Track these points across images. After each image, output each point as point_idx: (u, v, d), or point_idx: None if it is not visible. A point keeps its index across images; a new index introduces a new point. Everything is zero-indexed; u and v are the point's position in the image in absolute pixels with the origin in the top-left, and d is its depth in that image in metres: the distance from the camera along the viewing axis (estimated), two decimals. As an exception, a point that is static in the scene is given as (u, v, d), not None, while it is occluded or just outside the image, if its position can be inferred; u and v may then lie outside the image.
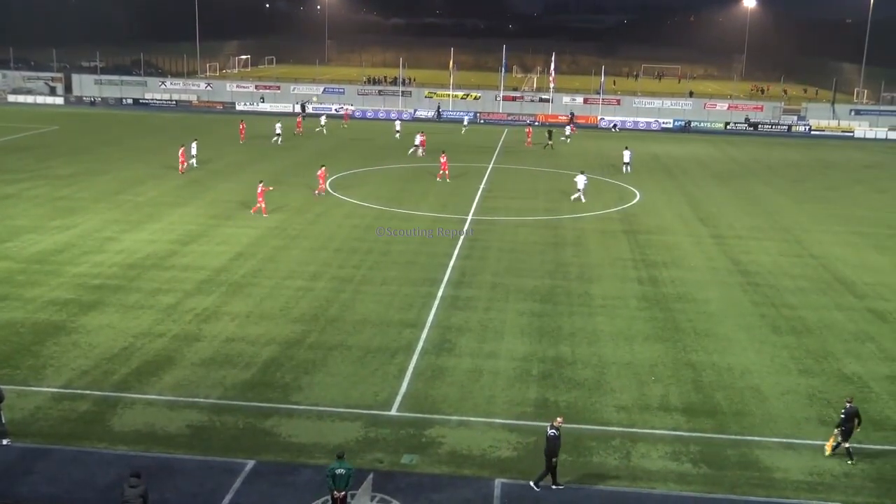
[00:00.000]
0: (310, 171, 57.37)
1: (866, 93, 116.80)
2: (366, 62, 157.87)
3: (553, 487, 19.71)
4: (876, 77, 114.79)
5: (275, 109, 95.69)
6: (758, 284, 35.63)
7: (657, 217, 47.63)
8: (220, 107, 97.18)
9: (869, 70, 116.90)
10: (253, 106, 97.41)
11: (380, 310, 31.02)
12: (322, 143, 72.20)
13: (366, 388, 24.62)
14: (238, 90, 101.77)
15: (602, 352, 27.85)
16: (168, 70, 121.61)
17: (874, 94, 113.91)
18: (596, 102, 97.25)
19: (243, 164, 59.96)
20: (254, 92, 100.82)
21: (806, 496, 19.97)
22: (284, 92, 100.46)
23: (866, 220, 48.51)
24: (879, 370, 27.18)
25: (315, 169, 51.30)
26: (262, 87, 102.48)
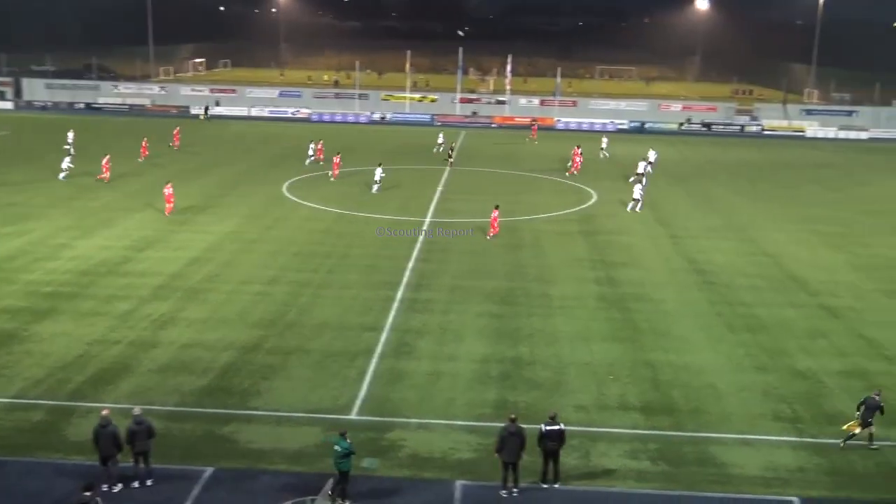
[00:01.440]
0: (264, 177, 57.04)
1: (816, 93, 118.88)
2: (322, 65, 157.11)
3: (514, 491, 19.76)
4: (826, 77, 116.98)
5: (230, 113, 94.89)
6: (713, 283, 36.08)
7: (614, 218, 48.03)
8: (175, 111, 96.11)
9: (819, 71, 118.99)
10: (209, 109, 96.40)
11: (339, 313, 30.91)
12: (276, 146, 71.70)
13: (325, 392, 24.52)
14: (193, 94, 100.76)
15: (561, 352, 28.01)
16: (121, 74, 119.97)
17: (824, 95, 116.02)
18: (552, 104, 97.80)
19: (199, 169, 59.39)
20: (208, 95, 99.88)
21: (762, 491, 20.26)
22: (240, 95, 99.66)
23: (819, 219, 49.33)
24: (832, 366, 27.66)
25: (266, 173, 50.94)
26: (217, 91, 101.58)
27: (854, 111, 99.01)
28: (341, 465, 19.07)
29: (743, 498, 19.96)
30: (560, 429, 19.96)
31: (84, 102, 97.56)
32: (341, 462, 19.04)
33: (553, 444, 19.95)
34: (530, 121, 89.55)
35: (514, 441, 19.53)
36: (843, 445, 22.20)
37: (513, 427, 19.60)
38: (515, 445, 19.57)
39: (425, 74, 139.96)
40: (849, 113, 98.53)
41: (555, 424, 19.98)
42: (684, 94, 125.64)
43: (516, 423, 19.71)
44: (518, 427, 19.62)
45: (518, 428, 19.60)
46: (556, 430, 19.93)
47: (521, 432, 19.61)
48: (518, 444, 19.58)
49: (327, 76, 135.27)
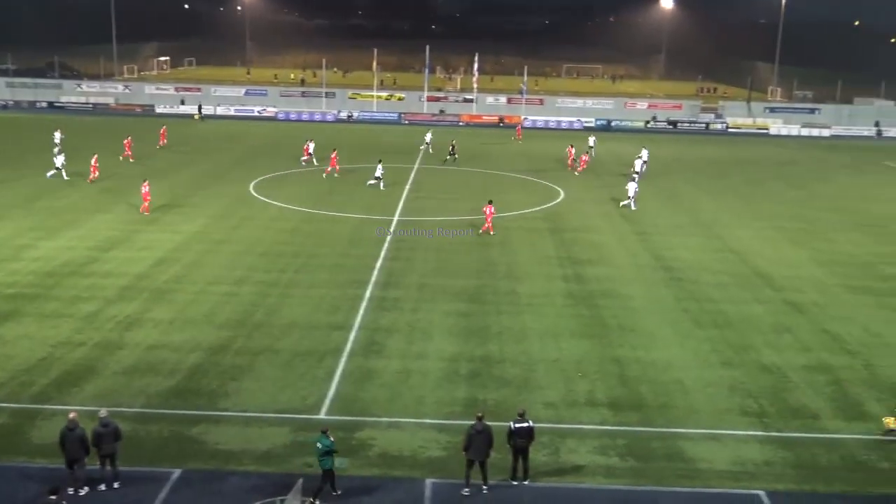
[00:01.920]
0: (231, 176, 56.69)
1: (780, 91, 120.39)
2: (288, 63, 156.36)
3: (484, 488, 19.81)
4: (788, 76, 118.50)
5: (194, 112, 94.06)
6: (680, 280, 36.38)
7: (582, 215, 48.27)
8: (139, 109, 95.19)
9: (782, 69, 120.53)
10: (173, 108, 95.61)
11: (307, 313, 30.79)
12: (243, 145, 71.25)
13: (294, 392, 24.41)
14: (158, 92, 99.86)
15: (530, 349, 28.11)
16: (84, 72, 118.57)
17: (787, 93, 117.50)
18: (519, 102, 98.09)
19: (166, 169, 58.86)
20: (174, 94, 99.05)
21: (730, 485, 20.46)
22: (205, 94, 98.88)
23: (783, 216, 49.92)
24: (797, 360, 28.00)
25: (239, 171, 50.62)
26: (182, 90, 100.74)
27: (816, 109, 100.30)
28: (323, 463, 19.12)
29: (710, 492, 20.15)
30: (529, 426, 20.01)
31: (46, 101, 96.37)
32: (323, 460, 19.09)
33: (522, 441, 19.98)
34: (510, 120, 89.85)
35: (480, 439, 19.47)
36: (884, 438, 22.42)
37: (479, 425, 19.55)
38: (482, 444, 19.51)
39: (392, 73, 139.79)
40: (811, 111, 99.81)
41: (524, 421, 20.03)
42: (650, 93, 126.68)
43: (483, 420, 19.67)
44: (485, 425, 19.57)
45: (485, 426, 19.55)
46: (524, 427, 19.97)
47: (488, 430, 19.55)
48: (485, 442, 19.53)
49: (294, 74, 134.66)
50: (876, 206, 54.06)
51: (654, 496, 19.88)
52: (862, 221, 49.15)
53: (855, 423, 23.74)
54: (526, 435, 19.97)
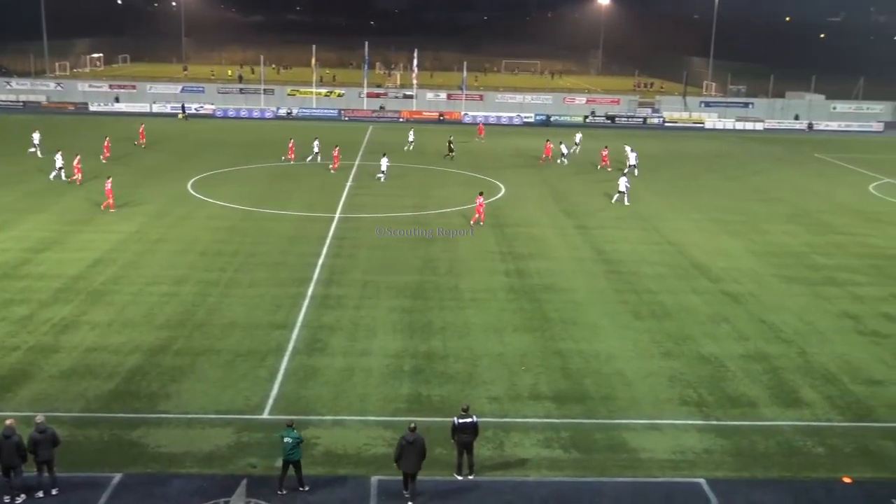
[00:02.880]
0: (168, 174, 55.84)
1: (714, 86, 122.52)
2: (226, 60, 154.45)
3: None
4: (723, 71, 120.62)
5: (131, 109, 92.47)
6: (620, 272, 36.84)
7: (522, 210, 48.57)
8: (72, 107, 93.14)
9: (716, 64, 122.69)
10: (107, 106, 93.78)
11: (248, 312, 30.48)
12: (180, 143, 70.21)
13: (236, 392, 24.17)
14: (91, 90, 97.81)
15: (473, 344, 28.21)
16: (14, 70, 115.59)
17: (722, 87, 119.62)
18: (459, 98, 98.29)
19: (102, 168, 57.68)
20: (108, 92, 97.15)
21: (671, 474, 20.81)
22: (140, 91, 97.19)
23: (719, 208, 50.83)
24: (734, 350, 28.56)
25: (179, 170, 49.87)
26: (116, 87, 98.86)
27: (750, 103, 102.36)
28: (291, 456, 19.15)
29: (652, 481, 20.46)
30: (473, 421, 20.05)
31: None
32: (291, 453, 19.13)
33: (466, 437, 20.01)
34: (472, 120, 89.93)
35: (411, 450, 18.94)
36: None
37: (411, 436, 19.03)
38: (413, 455, 18.98)
39: (332, 69, 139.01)
40: (745, 105, 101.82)
41: (468, 416, 20.07)
42: (588, 88, 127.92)
43: (415, 431, 19.15)
44: (416, 436, 19.05)
45: (417, 437, 19.03)
46: (468, 422, 20.01)
47: (420, 442, 19.04)
48: (416, 453, 18.98)
49: (231, 71, 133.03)
50: (807, 197, 55.36)
51: (597, 487, 20.11)
52: (795, 213, 50.31)
53: (791, 409, 24.32)
54: (470, 430, 20.01)
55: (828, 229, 46.27)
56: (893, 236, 45.04)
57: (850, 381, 26.32)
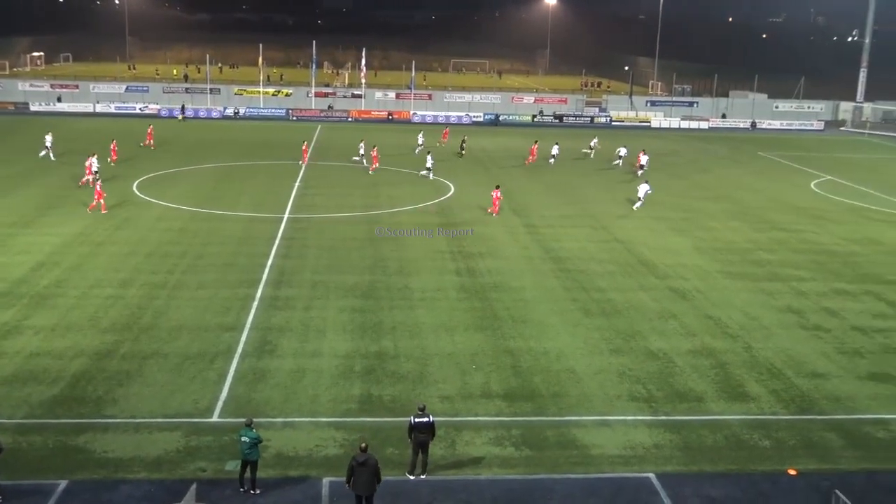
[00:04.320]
0: (113, 175, 54.93)
1: (660, 85, 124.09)
2: (171, 59, 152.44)
3: None
4: (668, 70, 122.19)
5: (74, 110, 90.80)
6: (569, 270, 37.12)
7: (472, 209, 48.67)
8: (13, 107, 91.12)
9: (662, 63, 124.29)
10: (49, 106, 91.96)
11: (196, 314, 30.11)
12: (125, 143, 69.07)
13: (185, 395, 23.86)
14: (32, 89, 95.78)
15: (424, 344, 28.21)
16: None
17: (667, 87, 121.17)
18: (408, 98, 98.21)
19: (45, 168, 56.56)
20: (49, 91, 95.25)
21: (621, 469, 21.01)
22: (84, 91, 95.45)
23: (665, 206, 51.47)
24: (682, 345, 28.95)
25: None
26: (58, 87, 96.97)
27: (695, 102, 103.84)
28: (249, 455, 19.02)
29: (603, 477, 20.64)
30: (429, 421, 20.00)
31: None
32: (249, 452, 18.98)
33: (422, 436, 19.97)
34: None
35: (363, 472, 18.13)
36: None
37: (361, 456, 18.17)
38: (365, 477, 18.17)
39: (279, 68, 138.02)
40: (690, 104, 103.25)
41: (424, 416, 20.02)
42: (536, 87, 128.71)
43: (367, 451, 18.29)
44: (368, 456, 18.20)
45: (368, 457, 18.18)
46: (424, 421, 19.96)
47: (372, 462, 18.19)
48: (368, 474, 18.17)
49: (176, 70, 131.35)
50: (751, 194, 56.32)
51: (549, 484, 20.24)
52: (739, 210, 51.17)
53: (737, 403, 24.73)
54: (426, 429, 19.96)
55: (771, 226, 47.14)
56: (834, 232, 46.05)
57: (794, 374, 26.85)
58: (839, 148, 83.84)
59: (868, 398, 25.37)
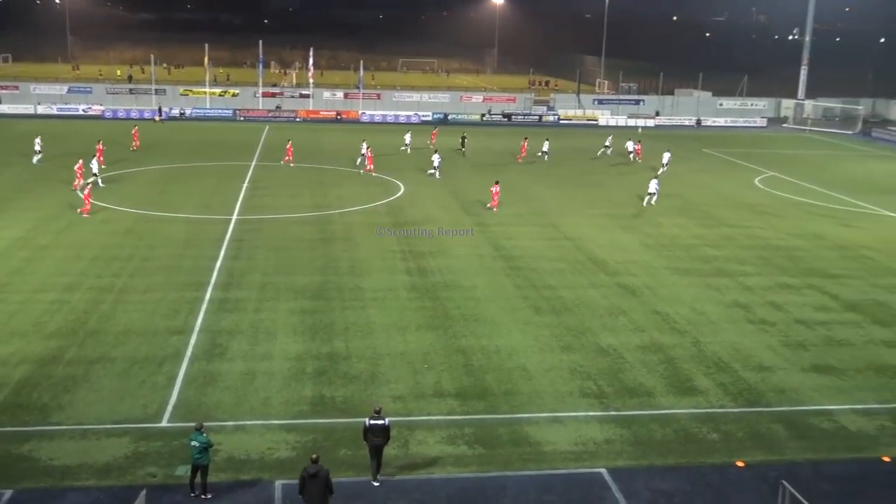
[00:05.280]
0: (57, 177, 53.94)
1: (607, 83, 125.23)
2: (115, 59, 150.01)
3: None
4: (614, 69, 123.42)
5: (14, 111, 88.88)
6: (520, 268, 37.31)
7: (422, 208, 48.68)
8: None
9: (608, 62, 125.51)
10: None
11: (144, 318, 29.69)
12: (69, 144, 67.83)
13: (133, 400, 23.52)
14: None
15: (376, 344, 28.15)
16: None
17: (614, 85, 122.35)
18: (356, 97, 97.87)
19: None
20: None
21: (573, 465, 21.19)
22: (24, 92, 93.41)
23: (613, 203, 51.98)
24: (632, 341, 29.28)
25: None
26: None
27: (641, 100, 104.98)
28: (200, 460, 18.80)
29: (556, 473, 20.79)
30: (383, 424, 19.83)
31: None
32: (199, 457, 18.77)
33: (376, 439, 19.81)
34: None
35: (313, 484, 17.73)
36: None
37: (312, 468, 17.80)
38: (316, 488, 17.76)
39: (225, 68, 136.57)
40: (636, 102, 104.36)
41: (379, 419, 19.88)
42: (484, 86, 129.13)
43: (318, 463, 17.94)
44: (319, 468, 17.83)
45: (319, 469, 17.82)
46: (378, 424, 19.81)
47: (323, 474, 17.81)
48: (320, 486, 17.77)
49: (120, 71, 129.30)
50: (696, 191, 57.13)
51: (502, 481, 20.33)
52: (685, 206, 51.86)
53: (686, 397, 25.08)
54: (380, 432, 19.82)
55: (717, 222, 47.87)
56: (778, 228, 46.92)
57: (741, 368, 27.31)
58: (782, 144, 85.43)
59: (812, 390, 25.92)
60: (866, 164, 73.21)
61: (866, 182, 63.38)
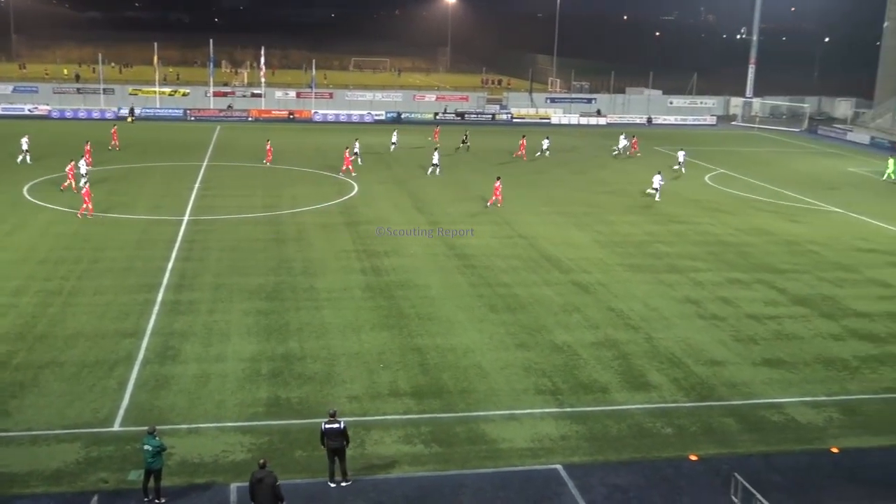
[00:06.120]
0: (1, 178, 52.92)
1: (559, 82, 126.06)
2: (61, 58, 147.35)
3: None
4: (566, 67, 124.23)
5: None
6: (474, 266, 37.39)
7: (376, 208, 48.57)
8: None
9: (560, 61, 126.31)
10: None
11: (94, 321, 29.23)
12: (14, 145, 66.54)
13: (84, 405, 23.14)
14: None
15: (331, 344, 28.03)
16: None
17: (566, 84, 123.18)
18: (309, 97, 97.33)
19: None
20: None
21: (530, 462, 21.29)
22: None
23: (567, 201, 52.33)
24: (586, 338, 29.50)
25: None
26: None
27: (593, 99, 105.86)
28: (152, 464, 18.58)
29: (512, 470, 20.87)
30: (339, 427, 19.68)
31: None
32: (152, 461, 18.55)
33: (333, 443, 19.66)
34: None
35: (261, 489, 17.58)
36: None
37: (259, 473, 17.68)
38: (262, 493, 17.58)
39: (175, 67, 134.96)
40: (588, 100, 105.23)
41: (335, 422, 19.75)
42: (438, 85, 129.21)
43: (265, 467, 17.85)
44: (265, 473, 17.68)
45: (265, 474, 17.64)
46: (334, 428, 19.69)
47: (269, 479, 17.59)
48: (267, 493, 17.53)
49: (67, 70, 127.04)
50: (648, 188, 57.66)
51: (459, 480, 20.36)
52: (636, 203, 52.41)
53: (640, 393, 25.34)
54: (336, 435, 19.68)
55: (668, 219, 48.43)
56: (728, 224, 47.61)
57: (693, 363, 27.66)
58: (730, 142, 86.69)
59: (762, 383, 26.34)
60: (812, 161, 74.63)
61: (813, 178, 64.62)
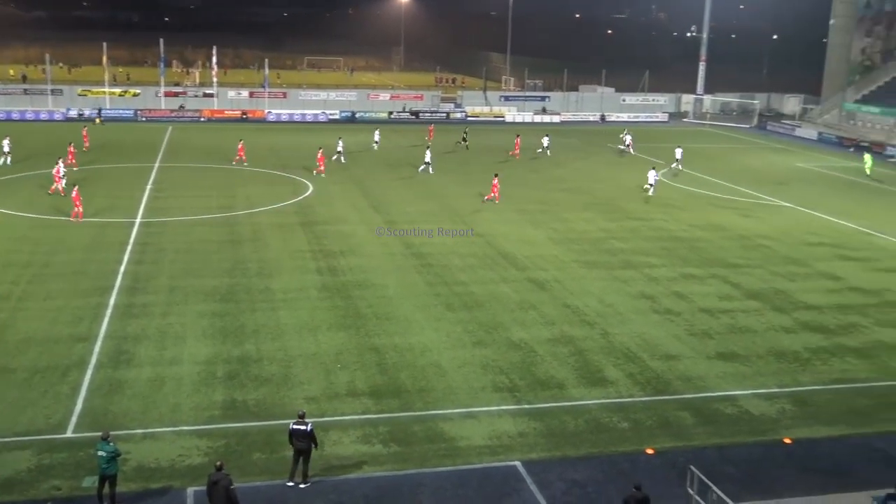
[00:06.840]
0: (-51, 181, 51.75)
1: (513, 80, 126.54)
2: (7, 58, 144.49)
3: None
4: (520, 66, 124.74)
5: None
6: (431, 265, 37.41)
7: (331, 207, 48.37)
8: None
9: (514, 59, 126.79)
10: None
11: (45, 326, 28.74)
12: None
13: (35, 411, 22.75)
14: None
15: (287, 345, 27.88)
16: None
17: (520, 82, 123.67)
18: (262, 96, 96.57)
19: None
20: None
21: (488, 459, 21.37)
22: None
23: (523, 199, 52.55)
24: (542, 334, 29.67)
25: None
26: None
27: (546, 97, 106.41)
28: (107, 470, 18.32)
29: (471, 468, 20.93)
30: (306, 429, 19.60)
31: None
32: (107, 467, 18.29)
33: (300, 444, 19.60)
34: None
35: (216, 492, 17.54)
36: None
37: (215, 475, 17.70)
38: (217, 496, 17.54)
39: (125, 67, 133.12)
40: (542, 98, 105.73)
41: (302, 424, 19.68)
42: (392, 84, 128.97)
43: (221, 470, 17.75)
44: (220, 475, 17.63)
45: (220, 476, 17.62)
46: (300, 429, 19.61)
47: (223, 481, 17.54)
48: (222, 493, 17.47)
49: (13, 70, 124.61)
50: (602, 185, 58.24)
51: (418, 478, 20.37)
52: (591, 201, 52.80)
53: (597, 388, 25.56)
54: (302, 437, 19.60)
55: (622, 215, 48.88)
56: (681, 219, 48.18)
57: (648, 357, 27.97)
58: (682, 138, 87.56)
59: (717, 377, 26.72)
60: (762, 157, 75.82)
61: (763, 174, 65.65)
